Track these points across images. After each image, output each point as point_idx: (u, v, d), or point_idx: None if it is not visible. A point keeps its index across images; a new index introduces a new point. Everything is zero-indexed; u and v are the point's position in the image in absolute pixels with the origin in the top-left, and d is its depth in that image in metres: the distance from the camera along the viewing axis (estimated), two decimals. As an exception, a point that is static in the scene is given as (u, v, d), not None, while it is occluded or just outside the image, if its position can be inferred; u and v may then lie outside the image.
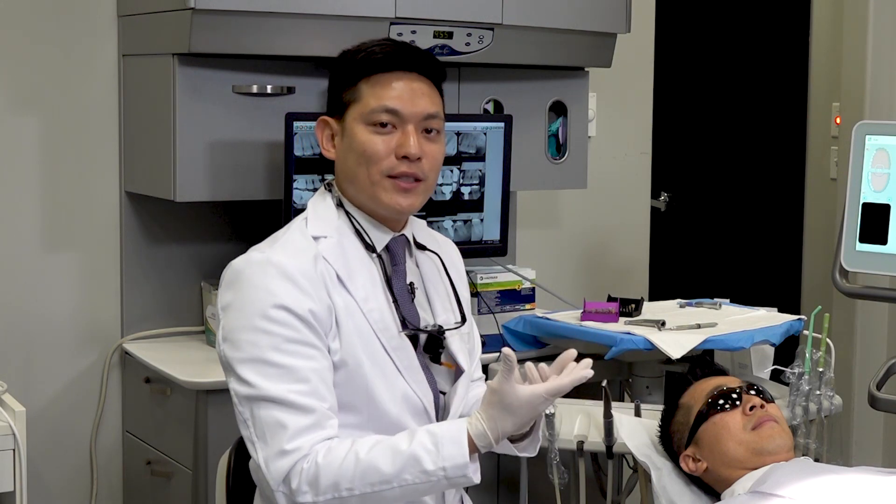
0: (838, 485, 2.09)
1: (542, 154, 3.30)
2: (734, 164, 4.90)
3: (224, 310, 1.88)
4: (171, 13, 2.68)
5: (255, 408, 1.82)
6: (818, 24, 4.74)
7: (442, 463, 1.77)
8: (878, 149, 2.88)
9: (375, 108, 1.93)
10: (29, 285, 2.95)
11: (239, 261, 1.91)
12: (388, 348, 1.93)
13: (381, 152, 1.93)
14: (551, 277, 3.53)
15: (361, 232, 1.97)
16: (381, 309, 1.94)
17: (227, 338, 1.86)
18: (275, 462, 1.80)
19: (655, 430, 2.44)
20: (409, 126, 1.94)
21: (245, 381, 1.83)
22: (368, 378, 1.90)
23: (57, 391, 3.00)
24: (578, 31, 3.16)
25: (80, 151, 2.98)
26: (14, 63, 2.90)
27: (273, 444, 1.80)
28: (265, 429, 1.81)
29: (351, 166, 1.96)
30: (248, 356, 1.83)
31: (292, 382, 1.81)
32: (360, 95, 1.95)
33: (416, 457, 1.78)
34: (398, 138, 1.93)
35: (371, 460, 1.78)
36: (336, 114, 1.98)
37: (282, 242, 1.92)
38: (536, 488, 2.68)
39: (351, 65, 1.96)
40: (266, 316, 1.83)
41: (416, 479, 1.77)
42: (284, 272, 1.85)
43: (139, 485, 2.99)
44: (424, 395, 1.97)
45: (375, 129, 1.93)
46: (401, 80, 1.95)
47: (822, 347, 2.62)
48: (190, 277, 3.07)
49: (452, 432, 1.80)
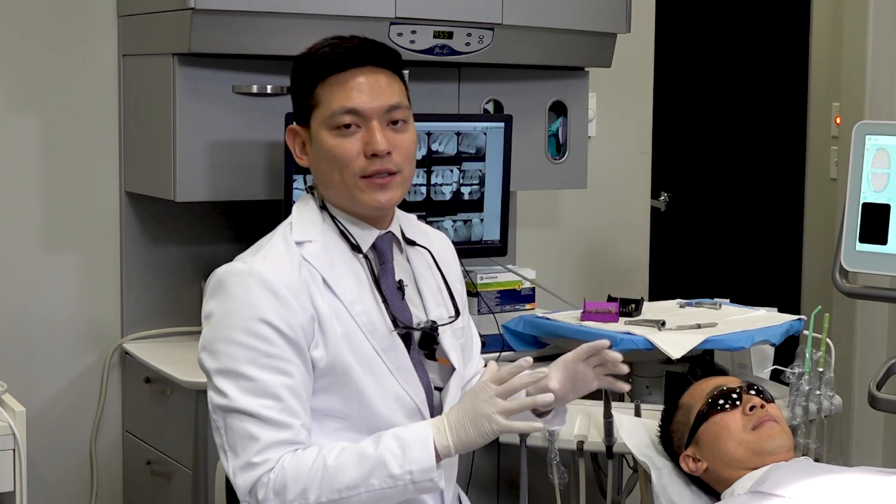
0: (838, 485, 2.09)
1: (542, 154, 3.30)
2: (734, 164, 4.90)
3: (206, 318, 1.88)
4: (171, 13, 2.69)
5: (229, 418, 1.83)
6: (818, 24, 4.74)
7: (409, 466, 1.78)
8: (878, 149, 2.88)
9: (336, 111, 1.90)
10: (29, 285, 2.95)
11: (222, 270, 1.89)
12: (379, 349, 1.92)
13: (349, 155, 1.90)
14: (551, 277, 3.53)
15: (346, 233, 1.96)
16: (370, 310, 1.93)
17: (206, 347, 1.86)
18: (243, 473, 1.81)
19: (655, 430, 2.44)
20: (372, 122, 1.91)
21: (220, 391, 1.83)
22: (359, 381, 1.89)
23: (57, 391, 3.00)
24: (578, 31, 3.16)
25: (80, 151, 2.98)
26: (14, 63, 2.90)
27: (242, 456, 1.81)
28: (237, 440, 1.82)
29: (325, 172, 1.94)
30: (224, 367, 1.83)
31: (266, 397, 1.81)
32: (318, 100, 1.92)
33: (382, 461, 1.78)
34: (363, 137, 1.91)
35: (338, 466, 1.79)
36: (302, 121, 1.96)
37: (264, 251, 1.90)
38: (536, 488, 2.68)
39: (306, 70, 1.93)
40: (245, 329, 1.82)
41: (383, 483, 1.78)
42: (266, 284, 1.84)
43: (139, 485, 2.99)
44: (416, 395, 1.96)
45: (340, 132, 1.91)
46: (358, 77, 1.91)
47: (822, 347, 2.62)
48: (190, 277, 3.07)
49: (419, 435, 1.81)
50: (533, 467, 2.64)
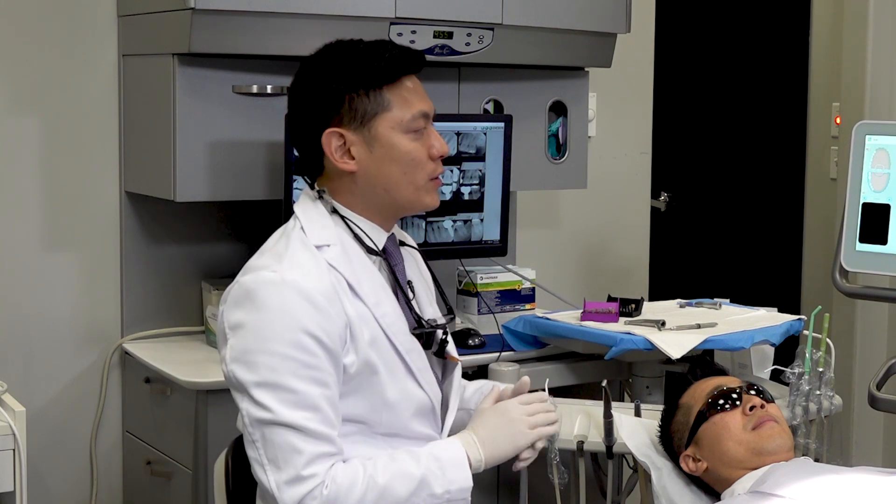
0: (838, 485, 2.09)
1: (542, 154, 3.30)
2: (734, 164, 4.90)
3: (234, 329, 1.85)
4: (171, 13, 2.68)
5: (269, 432, 1.81)
6: (818, 24, 4.74)
7: (448, 486, 1.87)
8: (878, 149, 2.88)
9: (415, 114, 1.92)
10: (29, 285, 2.95)
11: (248, 279, 1.86)
12: (402, 351, 1.93)
13: (424, 157, 1.94)
14: (551, 277, 3.53)
15: (361, 236, 1.95)
16: (393, 312, 1.94)
17: (240, 359, 1.83)
18: (290, 488, 1.79)
19: (655, 430, 2.44)
20: (430, 126, 1.96)
21: (260, 404, 1.81)
22: (384, 385, 1.90)
23: (57, 391, 3.00)
24: (578, 31, 3.16)
25: (80, 151, 2.98)
26: (14, 63, 2.90)
27: (287, 470, 1.79)
28: (278, 453, 1.80)
29: (391, 175, 1.93)
30: (263, 380, 1.81)
31: (308, 410, 1.80)
32: (387, 104, 1.91)
33: (426, 481, 1.86)
34: (425, 140, 1.95)
35: (387, 484, 1.83)
36: (352, 124, 1.92)
37: (288, 258, 1.87)
38: (536, 488, 2.68)
39: (366, 72, 1.91)
40: (285, 340, 1.80)
41: (425, 501, 1.86)
42: (303, 293, 1.82)
43: (139, 485, 2.99)
44: (434, 396, 1.98)
45: (416, 135, 1.93)
46: (409, 81, 1.95)
47: (822, 347, 2.62)
48: (190, 277, 3.07)
49: (454, 455, 1.90)
50: (533, 467, 2.63)
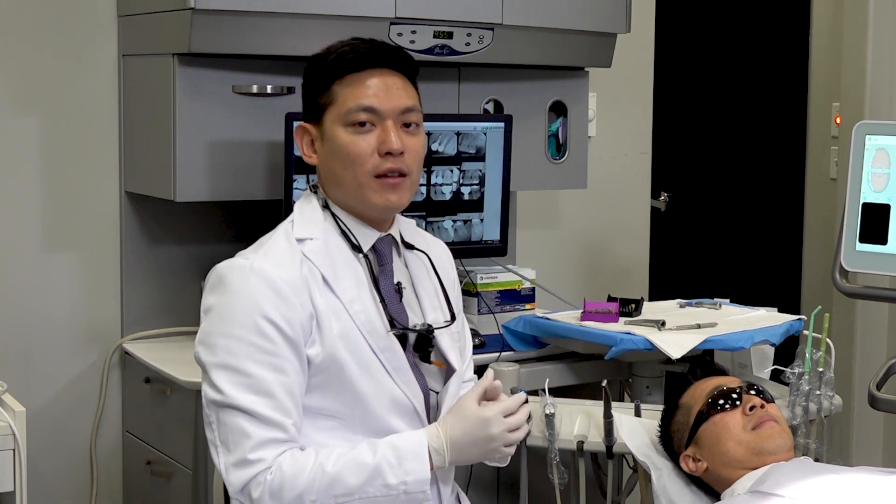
0: (838, 485, 2.09)
1: (542, 154, 3.30)
2: (734, 164, 4.90)
3: (205, 312, 1.89)
4: (171, 13, 2.69)
5: (222, 414, 1.84)
6: (818, 24, 4.74)
7: (404, 477, 1.84)
8: (878, 149, 2.88)
9: (353, 107, 1.91)
10: (29, 285, 2.95)
11: (222, 265, 1.91)
12: (376, 349, 1.93)
13: (364, 153, 1.92)
14: (551, 277, 3.53)
15: (347, 233, 1.97)
16: (368, 310, 1.94)
17: (204, 341, 1.87)
18: (236, 470, 1.82)
19: (655, 430, 2.44)
20: (387, 122, 1.93)
21: (216, 386, 1.84)
22: (354, 380, 1.90)
23: (57, 391, 3.00)
24: (578, 31, 3.16)
25: (80, 151, 2.98)
26: (14, 63, 2.90)
27: (235, 452, 1.82)
28: (229, 436, 1.83)
29: (335, 170, 1.95)
30: (221, 362, 1.84)
31: (260, 395, 1.82)
32: (335, 97, 1.93)
33: (379, 470, 1.83)
34: (378, 135, 1.92)
35: (336, 473, 1.82)
36: (313, 119, 1.97)
37: (266, 248, 1.92)
38: (536, 488, 2.68)
39: (322, 68, 1.95)
40: (245, 324, 1.83)
41: (378, 491, 1.83)
42: (268, 280, 1.85)
43: (139, 485, 2.99)
44: (414, 396, 1.96)
45: (355, 129, 1.92)
46: (374, 77, 1.93)
47: (822, 347, 2.62)
48: (190, 277, 3.07)
49: (414, 447, 1.86)
50: (533, 467, 2.64)
